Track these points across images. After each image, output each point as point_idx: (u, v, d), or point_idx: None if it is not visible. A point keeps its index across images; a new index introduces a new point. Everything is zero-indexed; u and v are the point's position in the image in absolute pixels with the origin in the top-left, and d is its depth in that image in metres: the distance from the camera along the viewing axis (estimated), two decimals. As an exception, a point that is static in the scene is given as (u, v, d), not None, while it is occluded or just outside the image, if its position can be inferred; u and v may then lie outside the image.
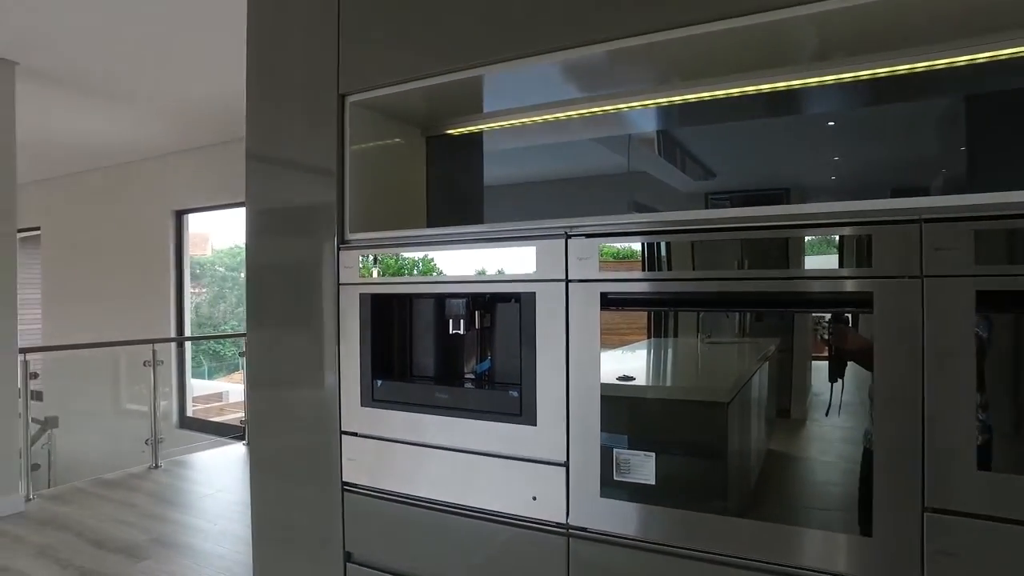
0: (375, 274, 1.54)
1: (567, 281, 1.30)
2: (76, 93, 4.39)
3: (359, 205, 1.64)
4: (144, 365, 4.75)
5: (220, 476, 4.60)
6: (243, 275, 8.33)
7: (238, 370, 11.41)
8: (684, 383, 1.28)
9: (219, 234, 10.72)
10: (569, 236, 1.30)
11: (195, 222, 6.39)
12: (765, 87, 1.43)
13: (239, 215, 6.43)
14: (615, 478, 1.23)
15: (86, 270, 7.04)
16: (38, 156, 6.23)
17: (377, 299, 1.54)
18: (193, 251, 6.66)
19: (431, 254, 1.47)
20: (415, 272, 1.49)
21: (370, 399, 1.53)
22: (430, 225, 1.87)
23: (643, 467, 1.21)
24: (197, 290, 11.45)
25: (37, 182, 7.48)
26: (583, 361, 1.27)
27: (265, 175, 1.79)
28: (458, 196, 1.90)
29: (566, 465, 1.29)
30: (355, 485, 1.58)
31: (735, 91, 1.45)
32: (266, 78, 1.78)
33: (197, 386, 9.06)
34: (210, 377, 11.01)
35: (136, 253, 6.47)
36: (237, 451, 5.25)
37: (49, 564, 3.14)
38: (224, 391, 9.97)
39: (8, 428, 3.83)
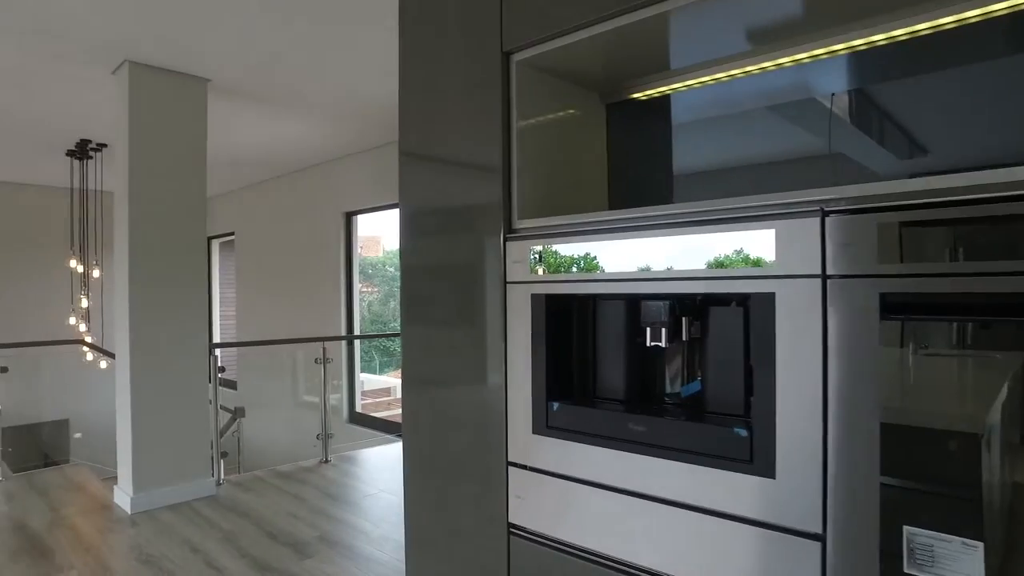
0: (540, 272, 1.25)
1: (824, 277, 0.91)
2: (258, 105, 4.63)
3: (530, 188, 1.36)
4: (316, 363, 4.92)
5: (384, 475, 4.63)
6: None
7: None
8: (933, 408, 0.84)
9: (390, 236, 11.25)
10: (827, 213, 0.91)
11: (367, 225, 6.61)
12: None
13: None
14: (907, 572, 0.83)
15: (269, 271, 7.59)
16: (232, 168, 6.79)
17: (553, 301, 1.24)
18: (367, 252, 6.92)
19: (612, 244, 1.14)
20: (583, 269, 1.17)
21: (544, 426, 1.24)
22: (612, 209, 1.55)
23: (958, 560, 0.79)
24: (369, 289, 12.12)
25: (232, 192, 8.22)
26: (852, 388, 0.88)
27: (419, 166, 1.57)
28: (645, 176, 1.56)
29: (822, 539, 0.91)
30: (523, 529, 1.29)
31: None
32: (419, 56, 1.56)
33: (367, 381, 9.52)
34: (380, 372, 11.58)
35: (311, 255, 6.83)
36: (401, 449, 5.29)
37: (230, 550, 3.26)
38: (392, 386, 10.42)
39: (203, 417, 4.08)
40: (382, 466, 4.91)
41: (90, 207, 6.28)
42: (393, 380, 10.81)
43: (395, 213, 6.47)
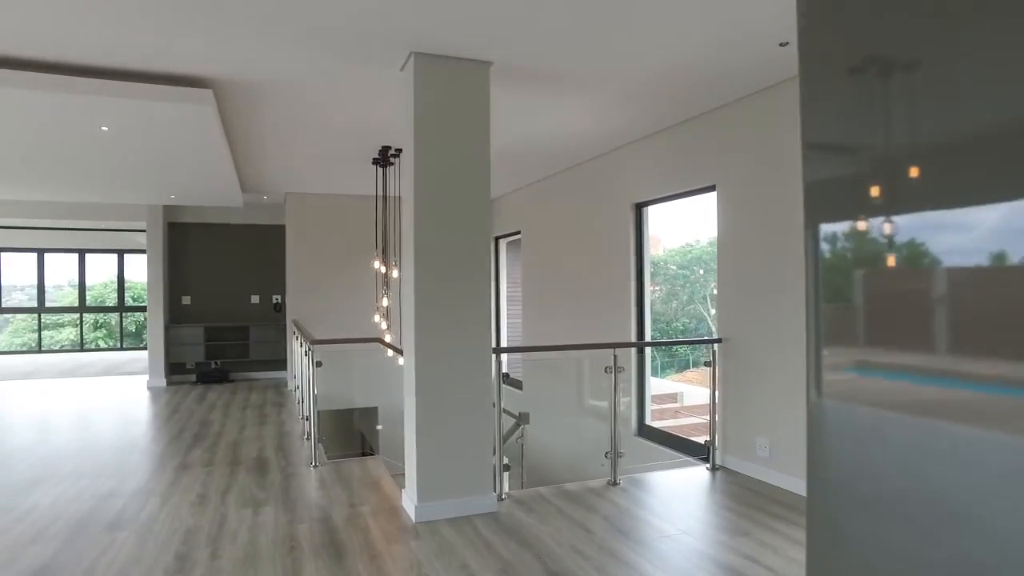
0: None
1: None
2: (540, 90, 4.24)
3: None
4: (605, 371, 4.36)
5: (681, 509, 3.86)
6: (700, 272, 7.58)
7: (689, 368, 10.92)
8: None
9: (671, 233, 10.41)
10: None
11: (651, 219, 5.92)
12: None
13: (695, 206, 5.85)
14: None
15: (553, 270, 7.34)
16: (515, 163, 6.65)
17: None
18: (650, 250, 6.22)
19: None
20: None
21: None
22: None
23: None
24: (651, 287, 11.43)
25: (519, 189, 8.20)
26: None
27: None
28: None
29: None
30: None
31: None
32: None
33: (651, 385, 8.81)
34: (660, 374, 10.77)
35: (597, 251, 6.36)
36: (700, 476, 4.47)
37: (510, 585, 2.83)
38: (678, 391, 9.51)
39: (486, 425, 3.79)
40: (679, 496, 4.15)
41: (390, 211, 6.66)
42: (678, 385, 9.90)
43: (677, 211, 5.70)
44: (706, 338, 5.20)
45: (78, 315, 14.26)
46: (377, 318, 6.28)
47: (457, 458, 3.71)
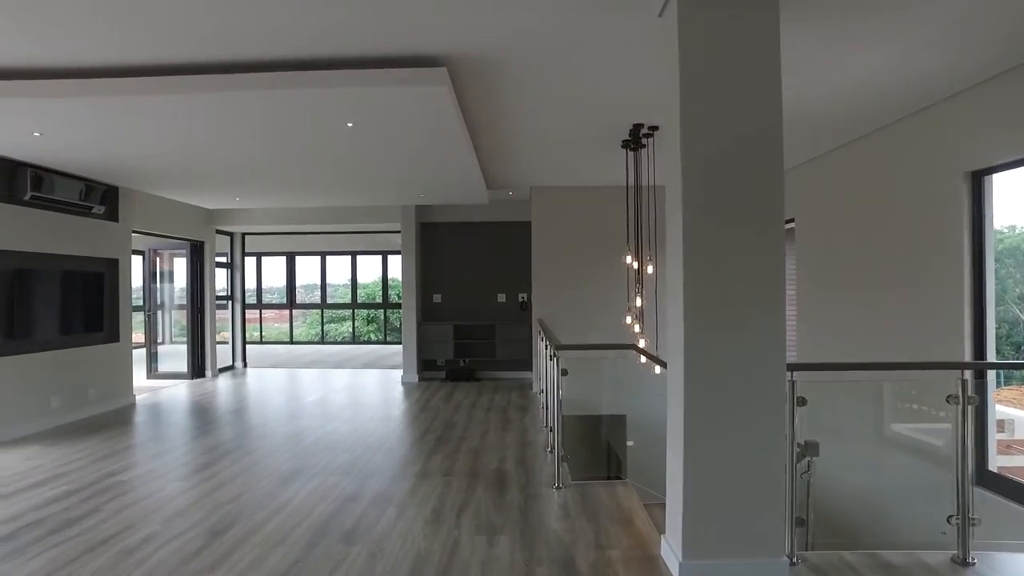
0: None
1: None
2: (831, 29, 3.17)
3: None
4: (948, 401, 3.11)
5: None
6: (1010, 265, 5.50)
7: (1000, 385, 8.37)
8: None
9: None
10: None
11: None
12: None
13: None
14: None
15: (840, 264, 5.95)
16: (793, 135, 5.45)
17: None
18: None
19: None
20: None
21: None
22: None
23: None
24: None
25: (790, 169, 6.88)
26: None
27: None
28: None
29: None
30: None
31: None
32: None
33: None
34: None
35: (903, 241, 4.92)
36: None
37: None
38: (1009, 418, 7.25)
39: (778, 466, 2.87)
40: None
41: (643, 199, 5.92)
42: (1010, 410, 7.59)
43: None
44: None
45: (350, 311, 15.98)
46: (628, 319, 5.59)
47: (738, 507, 2.83)
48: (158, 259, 9.72)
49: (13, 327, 5.78)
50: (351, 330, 15.98)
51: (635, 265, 5.77)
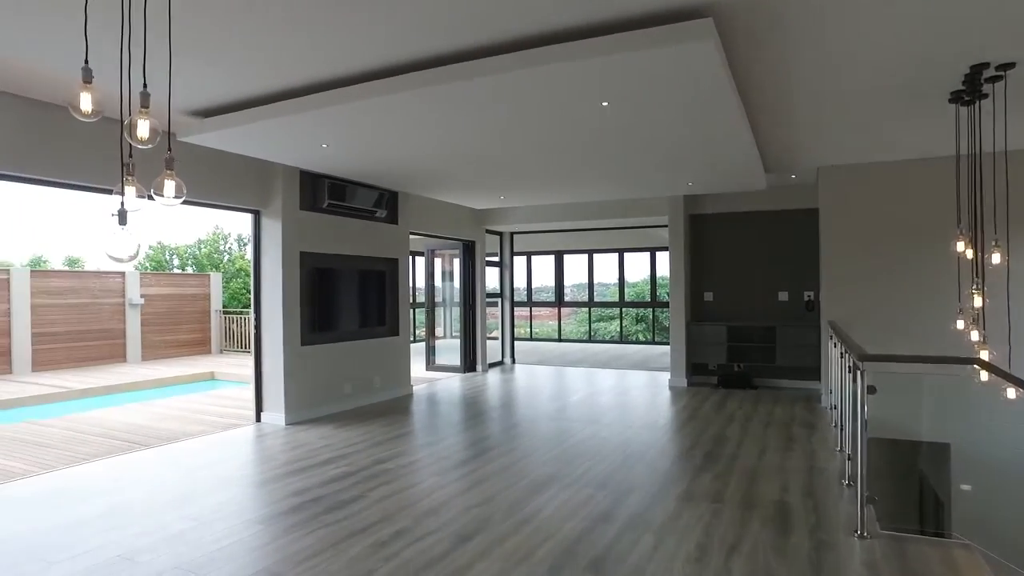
0: None
1: None
2: None
3: None
4: None
5: None
6: None
7: None
8: None
9: None
10: None
11: None
12: None
13: None
14: None
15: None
16: None
17: None
18: None
19: None
20: None
21: None
22: None
23: None
24: None
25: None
26: None
27: None
28: None
29: None
30: None
31: None
32: None
33: None
34: None
35: None
36: None
37: None
38: None
39: None
40: None
41: (985, 169, 4.48)
42: None
43: None
44: None
45: (618, 309, 15.71)
46: (961, 324, 4.25)
47: None
48: (438, 259, 10.52)
49: (317, 320, 6.58)
50: (619, 329, 15.73)
51: (969, 254, 4.37)
